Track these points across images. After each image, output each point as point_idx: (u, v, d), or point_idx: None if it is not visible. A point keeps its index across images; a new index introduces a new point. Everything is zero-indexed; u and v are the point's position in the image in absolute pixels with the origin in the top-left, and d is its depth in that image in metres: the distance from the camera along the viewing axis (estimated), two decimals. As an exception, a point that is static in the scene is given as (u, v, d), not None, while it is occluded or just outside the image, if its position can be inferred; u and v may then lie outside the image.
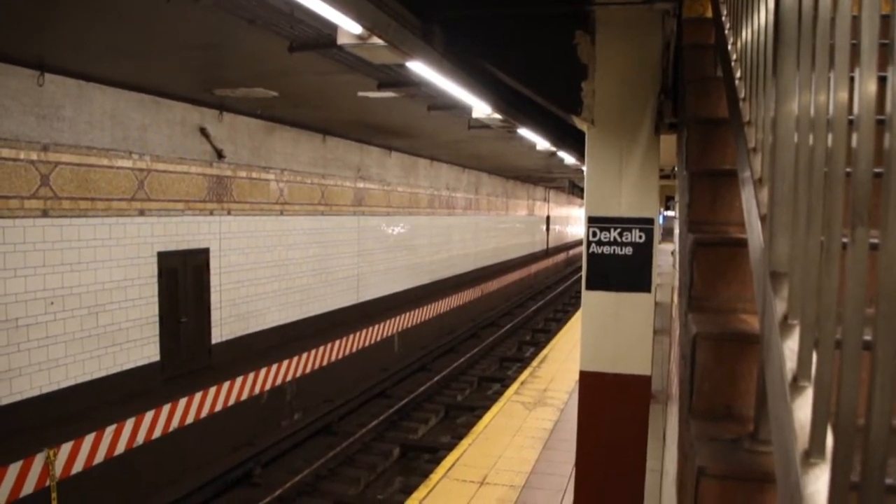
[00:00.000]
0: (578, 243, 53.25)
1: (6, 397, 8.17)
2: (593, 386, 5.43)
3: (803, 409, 1.10)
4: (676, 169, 6.29)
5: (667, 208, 27.01)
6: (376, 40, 4.03)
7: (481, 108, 8.52)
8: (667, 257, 20.73)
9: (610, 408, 5.36)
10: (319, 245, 15.03)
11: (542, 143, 12.91)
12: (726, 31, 2.81)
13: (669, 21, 5.08)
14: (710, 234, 2.37)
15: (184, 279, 11.02)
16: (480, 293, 25.40)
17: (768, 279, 1.40)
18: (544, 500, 7.49)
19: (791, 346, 1.22)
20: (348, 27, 3.98)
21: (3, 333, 8.11)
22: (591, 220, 5.34)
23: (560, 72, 5.18)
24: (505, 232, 31.80)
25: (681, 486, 1.83)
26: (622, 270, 5.27)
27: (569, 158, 16.46)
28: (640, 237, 5.24)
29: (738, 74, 2.40)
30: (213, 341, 11.80)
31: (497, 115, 8.72)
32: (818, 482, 0.98)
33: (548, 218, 42.30)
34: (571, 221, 52.80)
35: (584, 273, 5.42)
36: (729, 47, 2.66)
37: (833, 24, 1.09)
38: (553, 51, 5.15)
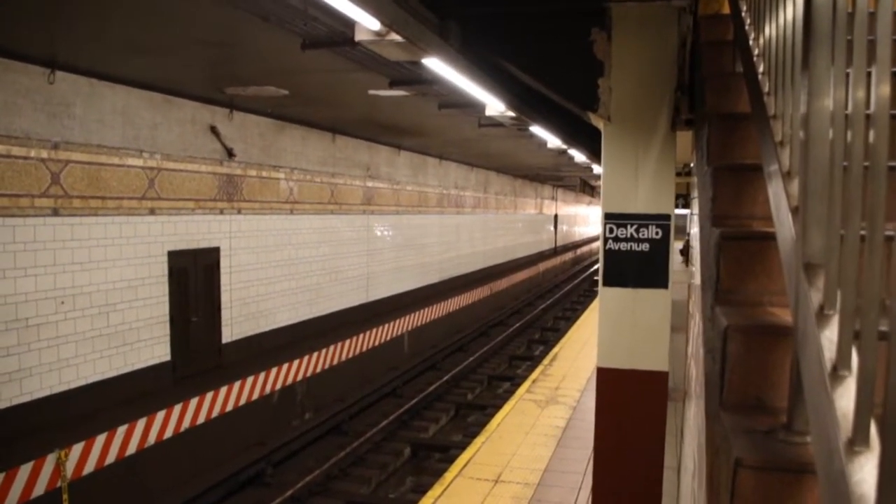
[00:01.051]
0: (586, 242, 53.50)
1: (17, 397, 8.15)
2: (610, 382, 5.42)
3: (845, 398, 1.10)
4: (694, 165, 6.28)
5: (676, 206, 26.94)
6: (394, 37, 4.04)
7: (495, 106, 8.51)
8: (675, 255, 20.69)
9: (627, 404, 5.36)
10: (329, 244, 15.05)
11: (553, 141, 12.92)
12: (747, 27, 2.81)
13: (685, 18, 5.09)
14: (735, 228, 2.36)
15: (194, 278, 11.02)
16: (489, 292, 25.42)
17: (802, 270, 1.40)
18: (559, 498, 7.49)
19: (829, 337, 1.21)
20: (367, 23, 3.99)
21: (13, 333, 8.07)
22: (608, 217, 5.33)
23: (576, 68, 5.19)
24: (513, 231, 31.78)
25: (710, 480, 1.83)
26: (639, 266, 5.26)
27: (579, 156, 16.46)
28: (657, 233, 5.24)
29: (760, 69, 2.39)
30: (224, 341, 11.80)
31: (510, 113, 8.73)
32: (864, 470, 0.98)
33: (556, 217, 42.28)
34: (579, 220, 52.72)
35: (600, 269, 5.42)
36: (750, 42, 2.65)
37: (874, 19, 1.09)
38: (569, 47, 5.16)
